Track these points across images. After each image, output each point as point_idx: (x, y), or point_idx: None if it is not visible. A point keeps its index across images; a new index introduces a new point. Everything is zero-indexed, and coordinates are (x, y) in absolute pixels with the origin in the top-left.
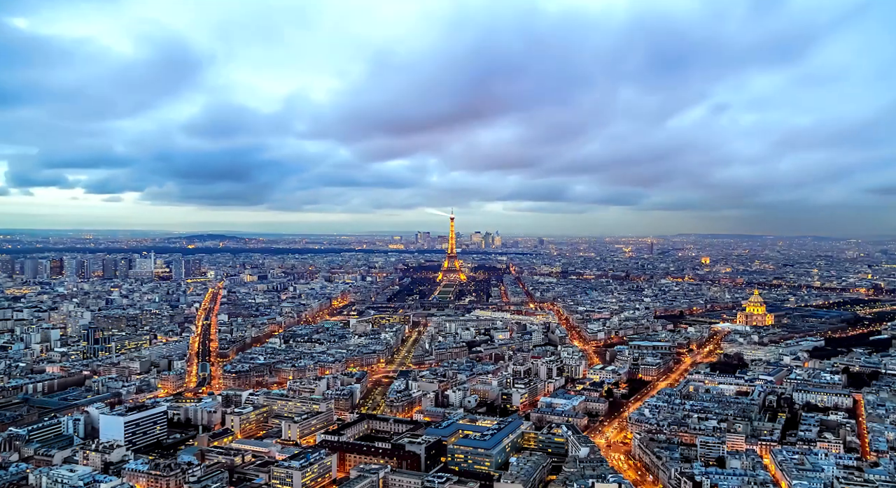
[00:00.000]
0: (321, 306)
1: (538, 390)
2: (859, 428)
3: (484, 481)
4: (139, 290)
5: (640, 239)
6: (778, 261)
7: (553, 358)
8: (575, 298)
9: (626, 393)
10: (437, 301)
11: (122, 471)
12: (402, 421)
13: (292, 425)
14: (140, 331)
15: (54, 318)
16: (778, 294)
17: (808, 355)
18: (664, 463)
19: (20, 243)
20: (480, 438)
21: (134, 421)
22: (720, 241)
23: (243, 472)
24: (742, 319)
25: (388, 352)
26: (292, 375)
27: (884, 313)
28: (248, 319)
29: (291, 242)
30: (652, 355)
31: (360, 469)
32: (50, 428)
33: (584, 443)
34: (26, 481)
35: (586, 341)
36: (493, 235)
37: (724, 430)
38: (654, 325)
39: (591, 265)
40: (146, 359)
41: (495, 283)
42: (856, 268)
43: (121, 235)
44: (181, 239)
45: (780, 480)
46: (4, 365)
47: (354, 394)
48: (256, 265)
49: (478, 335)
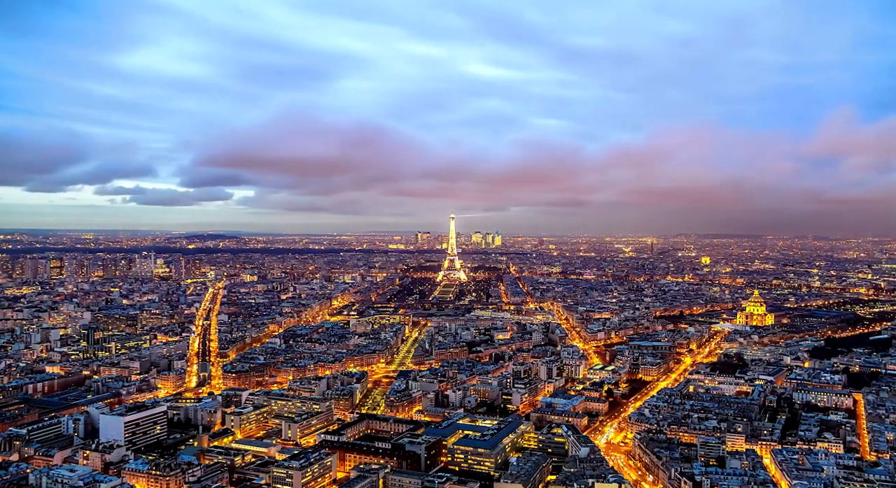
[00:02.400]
0: (321, 306)
1: (538, 390)
2: (859, 428)
3: (484, 481)
4: (139, 290)
5: (639, 239)
6: (778, 261)
7: (553, 358)
8: (575, 298)
9: (626, 393)
10: (437, 301)
11: (122, 471)
12: (402, 421)
13: (292, 425)
14: (140, 331)
15: (54, 318)
16: (778, 294)
17: (808, 355)
18: (664, 463)
19: (20, 243)
20: (480, 438)
21: (134, 421)
22: (720, 241)
23: (243, 472)
24: (742, 319)
25: (388, 352)
26: (292, 375)
27: (884, 313)
28: (248, 319)
29: (291, 242)
30: (652, 355)
31: (360, 469)
32: (50, 428)
33: (584, 443)
34: (26, 481)
35: (586, 341)
36: (493, 235)
37: (724, 430)
38: (654, 325)
39: (591, 265)
40: (146, 359)
41: (495, 283)
42: (856, 268)
43: (121, 235)
44: (181, 239)
45: (780, 480)
46: (4, 365)
47: (354, 394)
48: (256, 265)
49: (478, 335)
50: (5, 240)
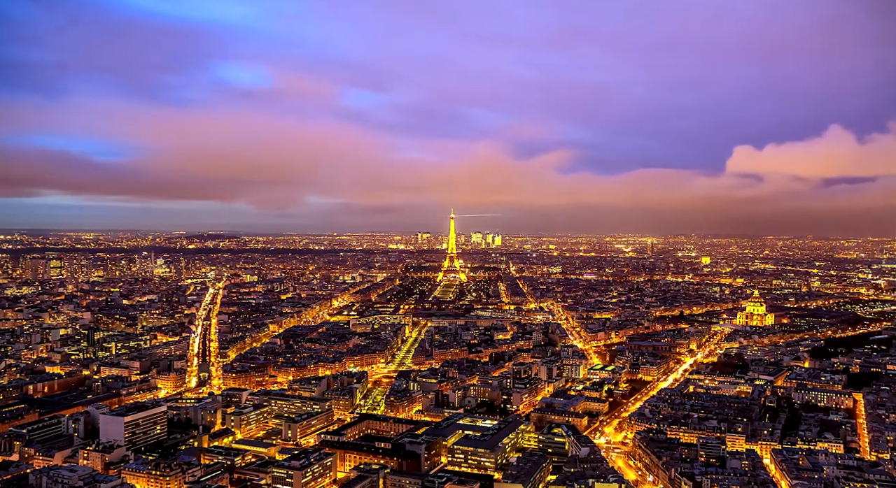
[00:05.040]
0: (321, 306)
1: (538, 390)
2: (859, 428)
3: (484, 481)
4: (139, 290)
5: (639, 238)
6: (778, 261)
7: (553, 358)
8: (575, 298)
9: (626, 393)
10: (437, 301)
11: (123, 471)
12: (402, 421)
13: (292, 425)
14: (140, 331)
15: (54, 318)
16: (778, 294)
17: (808, 355)
18: (664, 463)
19: (20, 243)
20: (480, 438)
21: (134, 421)
22: (720, 241)
23: (243, 472)
24: (742, 319)
25: (388, 352)
26: (292, 375)
27: (884, 313)
28: (248, 319)
29: (291, 242)
30: (652, 355)
31: (360, 469)
32: (50, 427)
33: (584, 443)
34: (26, 481)
35: (586, 341)
36: (493, 235)
37: (724, 430)
38: (654, 325)
39: (591, 265)
40: (146, 359)
41: (495, 283)
42: (856, 268)
43: (121, 235)
44: (181, 239)
45: (780, 480)
46: (4, 365)
47: (354, 394)
48: (256, 265)
49: (478, 335)
50: (5, 240)
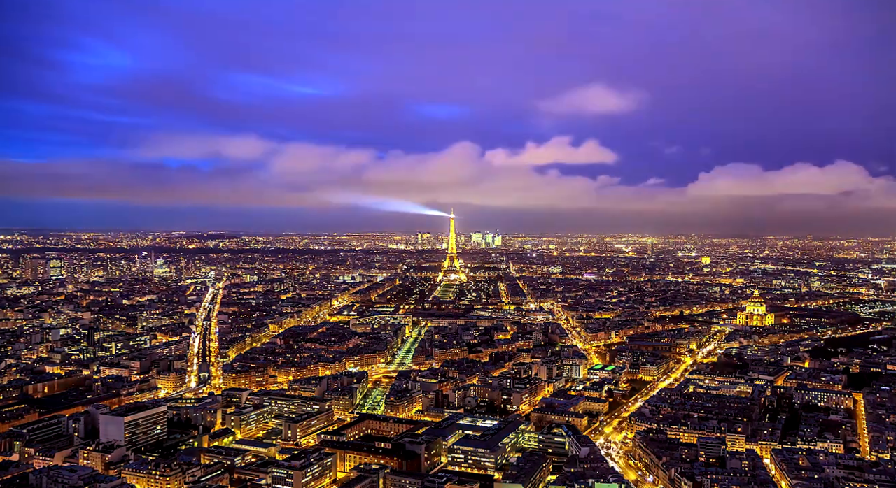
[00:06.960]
0: (321, 306)
1: (538, 390)
2: (859, 428)
3: (484, 481)
4: (139, 290)
5: (639, 238)
6: (778, 261)
7: (553, 358)
8: (575, 298)
9: (626, 393)
10: (437, 301)
11: (123, 471)
12: (402, 421)
13: (292, 425)
14: (140, 331)
15: (54, 318)
16: (778, 294)
17: (808, 355)
18: (664, 463)
19: (20, 243)
20: (480, 438)
21: (134, 421)
22: (720, 241)
23: (243, 472)
24: (742, 319)
25: (388, 352)
26: (292, 375)
27: (884, 313)
28: (248, 319)
29: (291, 242)
30: (652, 355)
31: (360, 469)
32: (50, 427)
33: (584, 443)
34: (26, 481)
35: (586, 341)
36: (493, 235)
37: (724, 430)
38: (654, 325)
39: (591, 265)
40: (146, 359)
41: (495, 283)
42: (856, 268)
43: (121, 234)
44: (181, 239)
45: (780, 480)
46: (4, 365)
47: (354, 394)
48: (256, 265)
49: (478, 335)
50: (5, 240)
